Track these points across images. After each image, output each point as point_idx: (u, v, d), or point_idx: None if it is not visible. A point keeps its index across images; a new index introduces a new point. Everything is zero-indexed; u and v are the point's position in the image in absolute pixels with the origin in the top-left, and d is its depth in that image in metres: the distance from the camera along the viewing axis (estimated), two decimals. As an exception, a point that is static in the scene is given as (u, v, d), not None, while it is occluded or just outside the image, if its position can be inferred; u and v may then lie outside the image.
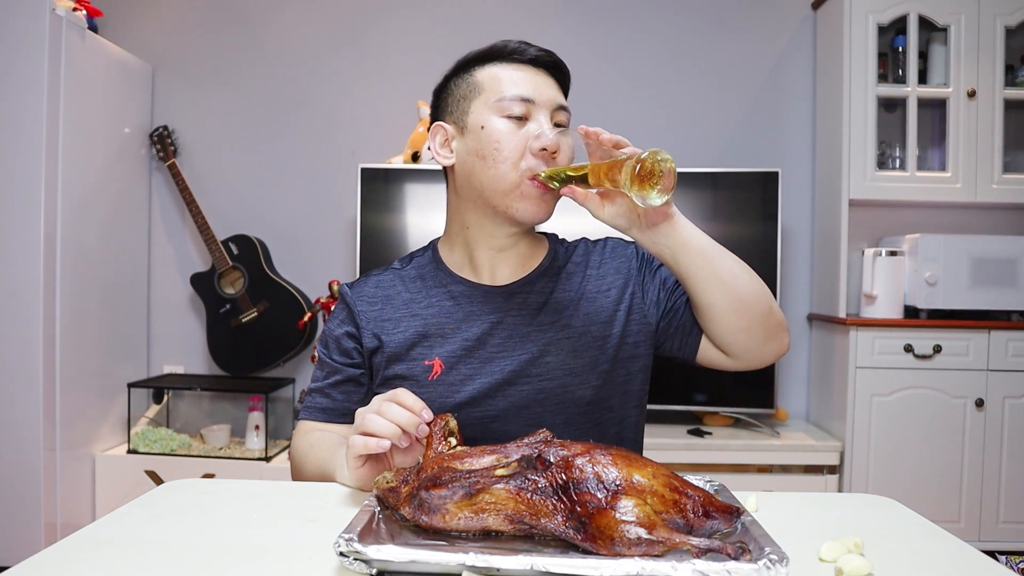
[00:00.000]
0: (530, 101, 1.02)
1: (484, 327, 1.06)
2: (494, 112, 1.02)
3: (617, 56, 2.93)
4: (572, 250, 1.16)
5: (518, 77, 1.04)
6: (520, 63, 1.05)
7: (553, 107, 1.04)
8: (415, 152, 2.70)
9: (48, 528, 2.39)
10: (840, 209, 2.59)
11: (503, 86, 1.03)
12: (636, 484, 0.67)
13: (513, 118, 1.02)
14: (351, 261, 2.91)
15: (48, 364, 2.38)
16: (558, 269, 1.12)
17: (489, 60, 1.05)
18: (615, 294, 1.10)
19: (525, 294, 1.09)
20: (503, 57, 1.05)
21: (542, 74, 1.05)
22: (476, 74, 1.05)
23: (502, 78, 1.04)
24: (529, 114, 1.02)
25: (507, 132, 1.01)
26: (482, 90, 1.04)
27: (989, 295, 2.52)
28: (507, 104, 1.02)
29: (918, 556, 0.71)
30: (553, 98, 1.04)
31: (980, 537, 2.47)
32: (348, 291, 1.13)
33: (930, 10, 2.55)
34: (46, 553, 0.68)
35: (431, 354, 1.05)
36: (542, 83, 1.04)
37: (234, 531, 0.75)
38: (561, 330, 1.07)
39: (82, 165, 2.52)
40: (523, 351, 1.05)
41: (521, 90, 1.02)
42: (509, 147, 1.01)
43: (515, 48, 1.05)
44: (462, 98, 1.06)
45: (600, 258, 1.14)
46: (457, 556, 0.61)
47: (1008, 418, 2.47)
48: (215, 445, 2.74)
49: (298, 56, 2.98)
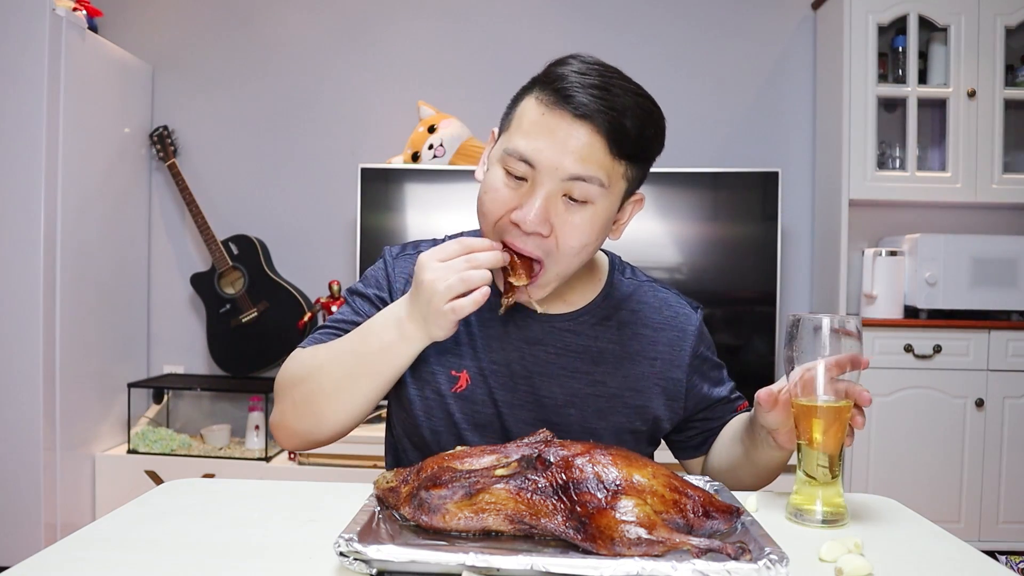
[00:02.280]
0: (530, 165, 0.85)
1: (515, 354, 0.98)
2: (500, 161, 0.88)
3: (617, 56, 2.91)
4: (630, 292, 1.04)
5: (541, 125, 0.84)
6: (555, 103, 0.84)
7: (564, 177, 0.84)
8: (415, 152, 2.70)
9: (48, 528, 2.39)
10: (840, 209, 2.59)
11: (519, 133, 0.86)
12: (636, 484, 0.67)
13: (513, 176, 0.87)
14: (351, 261, 2.91)
15: (48, 364, 2.38)
16: (610, 310, 1.01)
17: (540, 83, 0.87)
18: (659, 366, 1.01)
19: (568, 332, 0.99)
20: (546, 86, 0.86)
21: (580, 126, 0.83)
22: (524, 99, 0.89)
23: (524, 121, 0.86)
24: (528, 178, 0.86)
25: (498, 190, 0.87)
26: (510, 124, 0.89)
27: (989, 295, 2.52)
28: (509, 158, 0.86)
29: (918, 556, 0.71)
30: (567, 167, 0.83)
31: (980, 537, 2.47)
32: (391, 261, 1.04)
33: (930, 10, 2.55)
34: (46, 553, 0.68)
35: (459, 365, 0.98)
36: (566, 143, 0.83)
37: (234, 531, 0.75)
38: (593, 385, 0.98)
39: (82, 165, 2.52)
40: (548, 394, 0.98)
41: (527, 148, 0.84)
42: (492, 207, 0.88)
43: (558, 77, 0.85)
44: (505, 120, 0.92)
45: (659, 318, 1.03)
46: (457, 556, 0.61)
47: (1008, 418, 2.47)
48: (215, 445, 2.74)
49: (298, 56, 2.98)
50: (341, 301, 2.75)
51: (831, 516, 0.80)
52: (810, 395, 0.79)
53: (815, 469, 0.81)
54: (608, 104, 0.83)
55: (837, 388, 0.79)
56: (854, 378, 0.80)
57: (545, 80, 0.87)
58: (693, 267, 2.64)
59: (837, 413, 0.79)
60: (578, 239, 0.87)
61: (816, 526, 0.79)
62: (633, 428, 1.01)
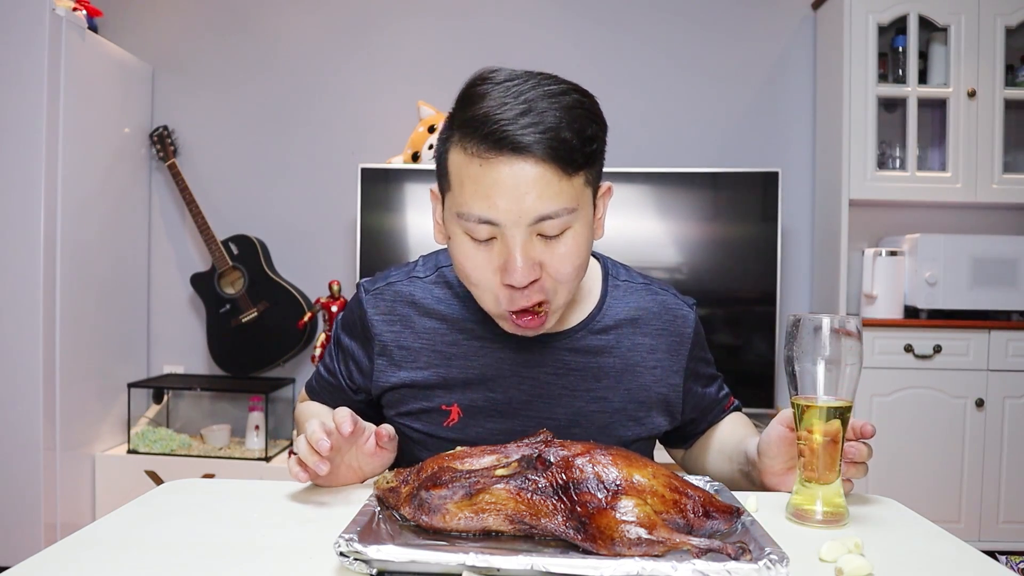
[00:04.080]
0: (492, 223, 0.80)
1: (512, 380, 0.96)
2: (458, 226, 0.83)
3: (617, 57, 2.93)
4: (626, 297, 1.01)
5: (482, 179, 0.78)
6: (488, 149, 0.77)
7: (530, 221, 0.79)
8: (415, 152, 2.70)
9: (48, 528, 2.39)
10: (840, 209, 2.59)
11: (463, 194, 0.80)
12: (636, 484, 0.67)
13: (478, 241, 0.82)
14: (351, 261, 2.91)
15: (48, 364, 2.38)
16: (608, 322, 0.98)
17: (459, 127, 0.81)
18: (660, 374, 1.00)
19: (564, 351, 0.96)
20: (468, 132, 0.79)
21: (524, 163, 0.77)
22: (449, 152, 0.83)
23: (464, 179, 0.80)
24: (496, 235, 0.81)
25: (472, 257, 0.83)
26: (449, 184, 0.83)
27: (989, 295, 2.52)
28: (468, 224, 0.81)
29: (918, 556, 0.71)
30: (529, 210, 0.78)
31: (980, 537, 2.47)
32: (366, 298, 1.00)
33: (930, 10, 2.55)
34: (46, 553, 0.68)
35: (450, 398, 0.96)
36: (516, 185, 0.77)
37: (234, 531, 0.75)
38: (596, 402, 0.96)
39: (82, 165, 2.52)
40: (550, 416, 0.96)
41: (480, 208, 0.79)
42: (477, 276, 0.84)
43: (481, 120, 0.77)
44: (439, 178, 0.87)
45: (659, 324, 1.01)
46: (457, 556, 0.61)
47: (1008, 418, 2.47)
48: (215, 445, 2.74)
49: (298, 56, 2.98)
50: (342, 302, 2.77)
51: (831, 516, 0.80)
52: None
53: (815, 469, 0.81)
54: (541, 128, 0.77)
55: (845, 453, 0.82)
56: (852, 378, 0.80)
57: (466, 126, 0.79)
58: (693, 267, 2.64)
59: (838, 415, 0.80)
60: (570, 264, 0.84)
61: (816, 526, 0.79)
62: (636, 438, 1.01)
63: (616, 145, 3.22)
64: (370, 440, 0.88)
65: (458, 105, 0.82)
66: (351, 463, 0.89)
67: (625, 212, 2.61)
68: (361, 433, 0.87)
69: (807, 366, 0.80)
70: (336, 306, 2.76)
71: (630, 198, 2.62)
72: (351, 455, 0.89)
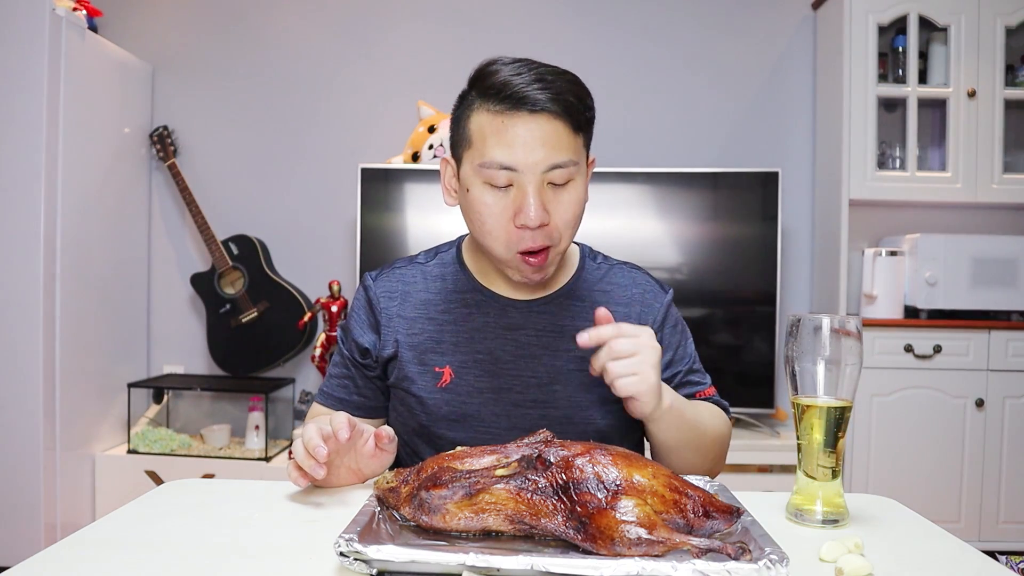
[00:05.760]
0: (512, 169, 0.92)
1: (498, 342, 1.04)
2: (478, 176, 0.95)
3: (617, 57, 2.93)
4: (602, 275, 1.11)
5: (504, 132, 0.92)
6: (509, 108, 0.92)
7: (544, 169, 0.92)
8: (415, 152, 2.70)
9: (48, 528, 2.39)
10: (840, 209, 2.59)
11: (486, 146, 0.93)
12: (636, 484, 0.67)
13: (497, 188, 0.94)
14: (351, 261, 2.91)
15: (48, 364, 2.38)
16: (584, 292, 1.08)
17: (480, 95, 0.95)
18: None
19: (545, 314, 1.06)
20: (490, 96, 0.93)
21: (539, 119, 0.92)
22: (470, 117, 0.96)
23: (486, 133, 0.93)
24: (513, 182, 0.93)
25: (490, 204, 0.94)
26: (470, 143, 0.95)
27: (989, 295, 2.52)
28: (489, 172, 0.93)
29: (918, 556, 0.71)
30: (544, 159, 0.92)
31: (980, 537, 2.47)
32: (372, 286, 1.09)
33: (930, 10, 2.55)
34: (46, 553, 0.68)
35: (442, 361, 1.04)
36: (533, 138, 0.91)
37: (234, 531, 0.75)
38: (574, 361, 1.04)
39: (82, 165, 2.52)
40: (533, 374, 1.04)
41: (502, 155, 0.91)
42: (493, 221, 0.95)
43: (501, 85, 0.92)
44: (458, 143, 0.99)
45: (628, 295, 1.09)
46: (457, 556, 0.61)
47: (1008, 418, 2.47)
48: (215, 445, 2.74)
49: (298, 56, 2.98)
50: (342, 302, 2.77)
51: (831, 516, 0.80)
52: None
53: (815, 469, 0.81)
54: (553, 91, 0.91)
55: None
56: (852, 378, 0.80)
57: (486, 92, 0.94)
58: (693, 267, 2.63)
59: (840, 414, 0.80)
60: (572, 212, 0.96)
61: (816, 526, 0.79)
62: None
63: (616, 145, 3.24)
64: (369, 442, 0.91)
65: (475, 80, 0.96)
66: (351, 465, 0.92)
67: (625, 212, 2.61)
68: (360, 436, 0.90)
69: (807, 366, 0.80)
70: (336, 306, 2.76)
71: (630, 198, 2.62)
72: (350, 457, 0.91)
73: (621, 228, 2.61)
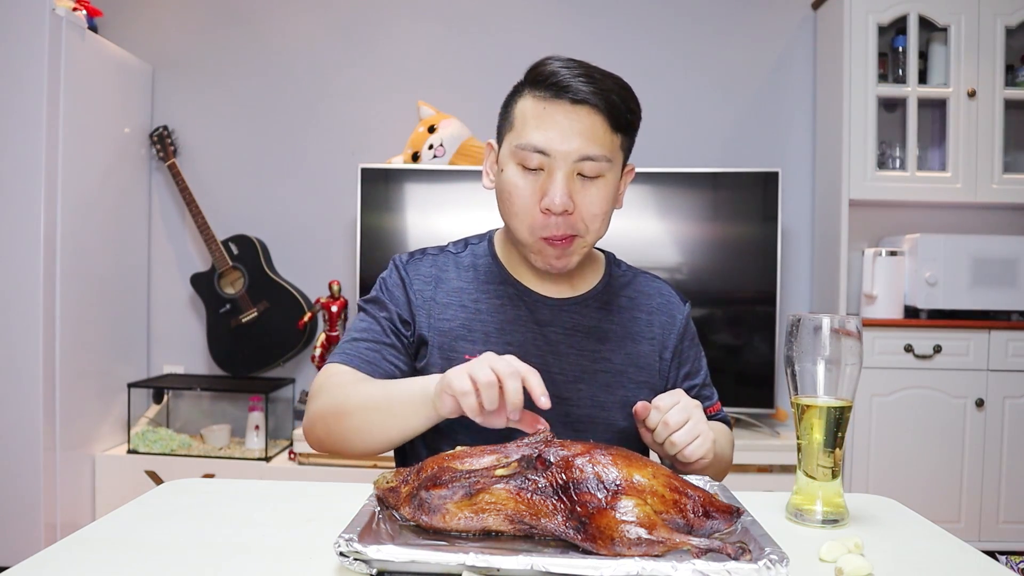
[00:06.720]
0: (544, 153, 0.94)
1: (528, 335, 1.05)
2: (513, 158, 0.97)
3: (617, 56, 2.93)
4: (627, 281, 1.14)
5: (545, 117, 0.95)
6: (553, 95, 0.95)
7: (576, 159, 0.94)
8: (415, 152, 2.70)
9: (48, 528, 2.39)
10: (840, 209, 2.59)
11: (526, 128, 0.96)
12: (636, 484, 0.67)
13: (529, 170, 0.96)
14: (351, 261, 2.91)
15: (48, 364, 2.38)
16: (610, 297, 1.11)
17: (529, 83, 0.98)
18: (656, 345, 1.10)
19: (575, 314, 1.08)
20: (538, 84, 0.96)
21: (579, 110, 0.94)
22: (518, 101, 0.99)
23: (528, 117, 0.96)
24: (544, 166, 0.95)
25: (520, 186, 0.97)
26: (512, 125, 0.99)
27: (989, 295, 2.52)
28: (523, 153, 0.96)
29: (918, 556, 0.71)
30: (577, 148, 0.94)
31: (980, 537, 2.47)
32: (404, 266, 1.09)
33: (930, 10, 2.55)
34: (46, 553, 0.68)
35: (472, 349, 1.04)
36: (571, 126, 0.94)
37: (234, 531, 0.75)
38: (599, 362, 1.06)
39: (82, 165, 2.52)
40: (559, 371, 1.05)
41: (538, 139, 0.94)
42: (520, 203, 0.97)
43: (549, 74, 0.95)
44: (502, 126, 1.02)
45: (652, 304, 1.12)
46: (457, 556, 0.61)
47: (1008, 418, 2.47)
48: (215, 445, 2.74)
49: (298, 56, 2.98)
50: (342, 302, 2.77)
51: (831, 516, 0.80)
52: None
53: (815, 469, 0.81)
54: (598, 87, 0.94)
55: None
56: (852, 378, 0.80)
57: (535, 80, 0.96)
58: (693, 267, 2.63)
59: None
60: (598, 207, 0.97)
61: (816, 526, 0.79)
62: (639, 399, 1.03)
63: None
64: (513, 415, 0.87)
65: (528, 71, 0.99)
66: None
67: (625, 212, 2.60)
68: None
69: (807, 366, 0.80)
70: (336, 306, 2.76)
71: (630, 198, 2.61)
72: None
73: (621, 228, 2.60)
